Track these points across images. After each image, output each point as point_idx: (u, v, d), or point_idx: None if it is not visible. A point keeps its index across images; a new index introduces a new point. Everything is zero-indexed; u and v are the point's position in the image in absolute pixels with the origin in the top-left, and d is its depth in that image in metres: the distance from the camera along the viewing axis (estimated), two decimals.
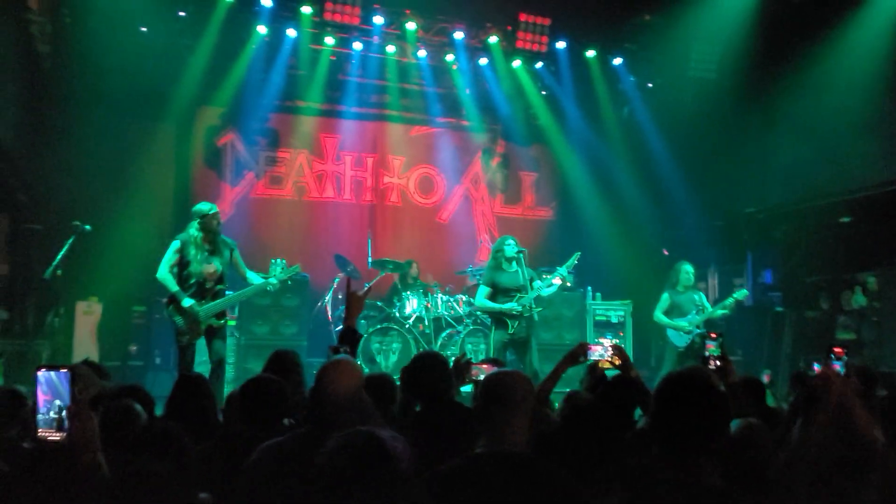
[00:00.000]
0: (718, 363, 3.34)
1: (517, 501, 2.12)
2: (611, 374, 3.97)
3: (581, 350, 3.97)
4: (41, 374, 2.20)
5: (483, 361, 4.15)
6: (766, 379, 4.89)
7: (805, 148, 9.67)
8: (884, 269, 8.71)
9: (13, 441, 2.80)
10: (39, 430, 2.19)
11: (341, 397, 2.55)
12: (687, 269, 7.85)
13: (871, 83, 8.75)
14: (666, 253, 11.10)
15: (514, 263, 7.02)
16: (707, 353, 3.40)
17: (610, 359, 3.88)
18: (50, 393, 2.20)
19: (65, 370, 2.21)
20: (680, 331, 7.72)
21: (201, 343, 6.44)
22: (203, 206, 6.40)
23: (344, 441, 1.85)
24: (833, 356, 3.65)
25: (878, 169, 8.88)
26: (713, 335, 3.45)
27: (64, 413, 2.17)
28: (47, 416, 2.20)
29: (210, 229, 6.31)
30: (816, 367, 5.66)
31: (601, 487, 2.22)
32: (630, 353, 9.29)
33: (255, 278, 6.55)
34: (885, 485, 2.05)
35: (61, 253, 6.37)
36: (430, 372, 3.40)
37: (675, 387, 2.09)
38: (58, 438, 2.17)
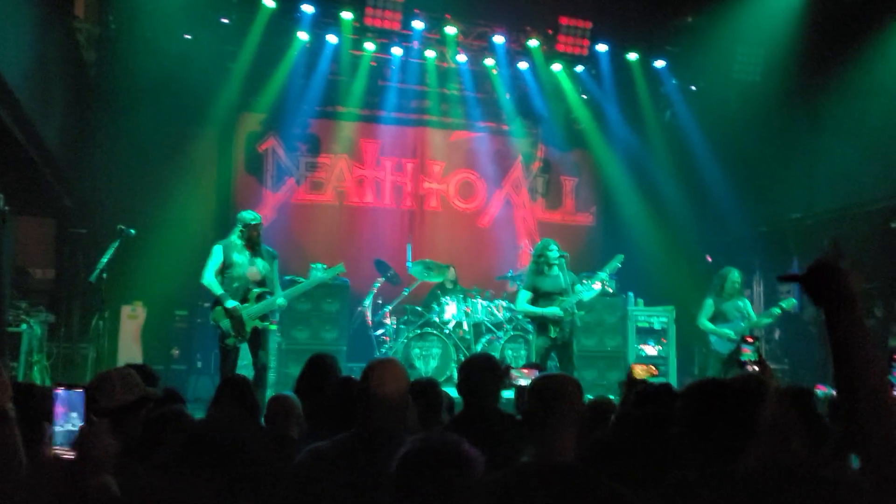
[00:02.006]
0: (756, 368, 3.24)
1: None
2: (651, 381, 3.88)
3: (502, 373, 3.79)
4: (59, 391, 2.21)
5: (524, 366, 4.08)
6: (821, 390, 4.71)
7: (852, 152, 9.42)
8: None
9: None
10: (55, 448, 2.18)
11: (389, 399, 2.51)
12: (734, 276, 7.67)
13: None
14: (709, 259, 10.89)
15: (555, 268, 6.95)
16: (743, 358, 3.30)
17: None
18: (66, 409, 2.20)
19: (80, 390, 2.20)
20: (724, 338, 7.55)
21: (243, 348, 6.48)
22: (247, 215, 6.46)
23: (421, 446, 1.81)
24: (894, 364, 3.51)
25: None
26: (748, 339, 3.35)
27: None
28: (63, 430, 2.19)
29: (250, 238, 6.37)
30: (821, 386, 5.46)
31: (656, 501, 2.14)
32: (673, 360, 9.17)
33: (278, 292, 6.53)
34: None
35: (106, 257, 6.47)
36: (479, 373, 3.35)
37: (694, 394, 2.05)
38: (72, 456, 2.16)
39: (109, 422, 2.38)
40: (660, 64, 10.69)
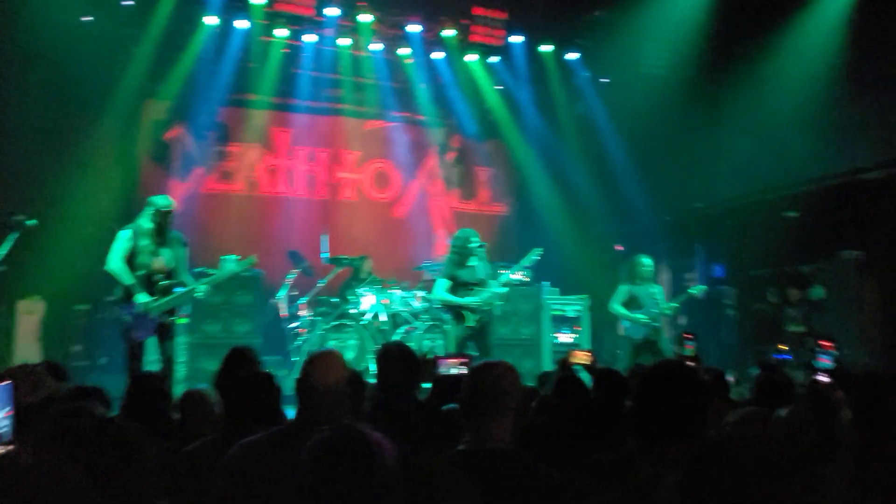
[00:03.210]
0: (693, 364, 3.34)
1: (503, 500, 2.06)
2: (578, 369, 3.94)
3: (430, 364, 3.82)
4: None
5: (450, 356, 4.07)
6: (731, 380, 4.92)
7: (752, 143, 9.88)
8: (829, 261, 8.94)
9: None
10: None
11: (329, 390, 2.46)
12: (645, 263, 7.93)
13: (816, 79, 8.97)
14: (619, 248, 11.21)
15: (474, 258, 7.00)
16: (685, 353, 3.38)
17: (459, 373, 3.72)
18: None
19: (6, 382, 2.12)
20: (638, 323, 7.78)
21: (149, 342, 6.24)
22: (160, 200, 6.20)
23: (328, 437, 1.77)
24: (819, 349, 3.68)
25: (821, 163, 9.11)
26: (689, 336, 3.44)
27: (7, 427, 2.09)
28: None
29: (160, 225, 6.11)
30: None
31: (586, 482, 2.18)
32: (587, 347, 9.38)
33: (189, 281, 6.33)
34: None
35: (4, 249, 6.09)
36: (394, 363, 3.32)
37: (660, 377, 2.07)
38: (2, 451, 2.07)
39: (15, 421, 2.25)
40: (572, 56, 10.89)
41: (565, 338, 9.60)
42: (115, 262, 6.03)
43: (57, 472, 1.91)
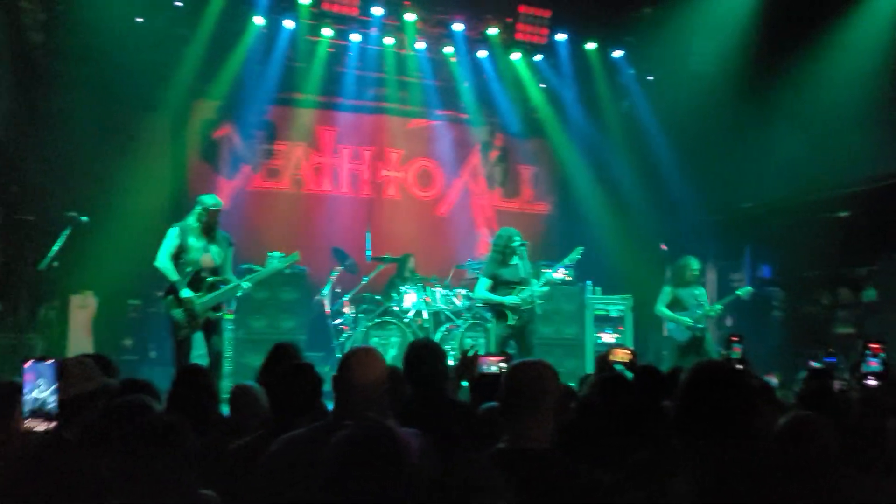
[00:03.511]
0: (741, 366, 3.27)
1: (540, 499, 2.06)
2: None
3: (471, 362, 3.74)
4: (28, 365, 2.21)
5: (490, 354, 4.07)
6: (774, 381, 4.84)
7: (803, 142, 9.65)
8: (883, 263, 8.69)
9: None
10: (26, 421, 2.18)
11: (368, 387, 2.48)
12: (692, 265, 7.83)
13: (869, 77, 8.74)
14: (664, 248, 11.06)
15: (515, 257, 6.99)
16: (733, 356, 3.32)
17: (500, 370, 3.63)
18: (38, 379, 2.21)
19: (51, 361, 2.21)
20: (682, 325, 7.69)
21: (197, 337, 6.37)
22: (208, 199, 6.31)
23: (353, 433, 1.79)
24: (868, 352, 3.59)
25: (875, 163, 8.87)
26: (735, 338, 3.37)
27: (53, 403, 2.18)
28: (35, 406, 2.20)
29: (208, 223, 6.24)
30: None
31: (623, 483, 2.16)
32: (630, 347, 9.28)
33: (233, 279, 6.44)
34: None
35: (57, 245, 6.29)
36: (422, 362, 3.32)
37: (704, 377, 2.05)
38: (43, 429, 2.14)
39: (67, 412, 2.33)
40: (618, 54, 10.78)
41: (608, 338, 9.53)
42: (162, 259, 6.18)
43: (97, 457, 1.98)
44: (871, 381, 3.51)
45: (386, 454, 1.77)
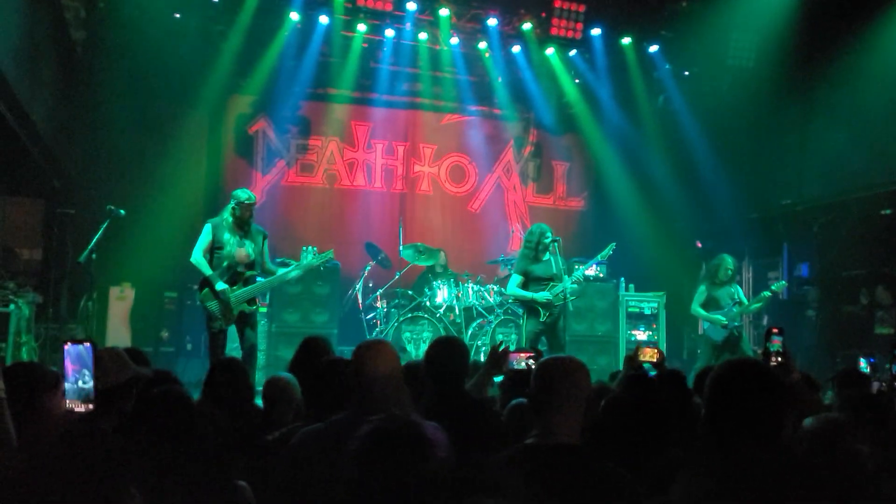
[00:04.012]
0: (780, 360, 3.20)
1: (566, 495, 2.05)
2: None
3: (502, 357, 3.75)
4: (68, 347, 2.28)
5: (521, 350, 4.05)
6: None
7: (844, 139, 9.45)
8: None
9: None
10: (67, 402, 2.24)
11: (380, 379, 2.50)
12: (728, 263, 7.72)
13: None
14: (699, 245, 10.93)
15: (547, 253, 6.97)
16: (772, 349, 3.25)
17: (528, 366, 3.60)
18: (77, 365, 2.27)
19: (88, 343, 2.28)
20: (717, 324, 7.59)
21: (232, 330, 6.45)
22: (242, 194, 6.37)
23: (379, 426, 1.79)
24: None
25: None
26: (776, 330, 3.30)
27: (90, 385, 2.24)
28: (75, 387, 2.26)
29: (242, 218, 6.30)
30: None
31: (654, 482, 2.14)
32: (663, 345, 9.20)
33: (275, 270, 6.51)
34: None
35: (96, 237, 6.41)
36: (442, 359, 3.32)
37: (733, 375, 2.01)
38: (83, 410, 2.22)
39: (102, 402, 2.38)
40: (653, 49, 10.64)
41: (641, 335, 9.44)
42: (197, 254, 6.28)
43: (132, 446, 2.02)
44: None
45: (412, 447, 1.77)
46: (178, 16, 9.32)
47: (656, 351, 3.77)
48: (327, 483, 2.33)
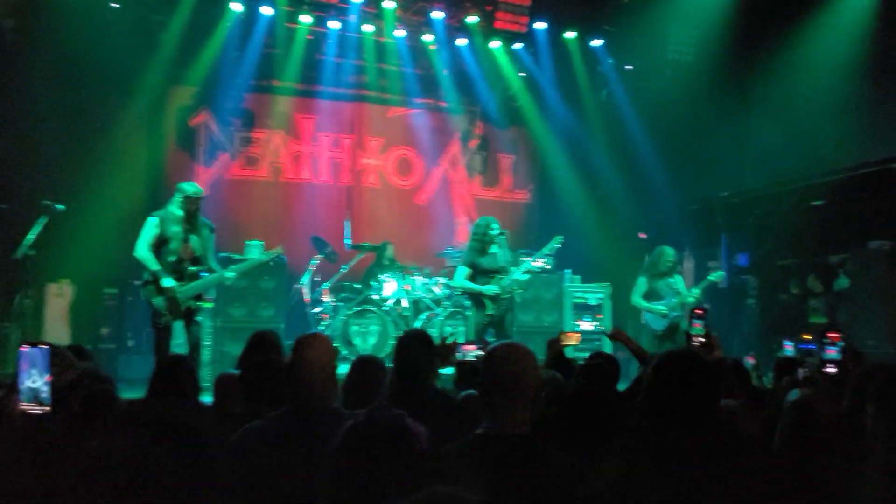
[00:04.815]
0: (703, 340, 3.34)
1: (515, 484, 2.09)
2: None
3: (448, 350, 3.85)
4: (24, 349, 2.25)
5: (466, 343, 4.10)
6: (750, 360, 4.93)
7: (779, 131, 9.77)
8: (856, 252, 8.82)
9: None
10: (21, 405, 2.22)
11: (319, 373, 2.51)
12: (668, 254, 7.86)
13: (844, 67, 8.85)
14: (642, 236, 11.15)
15: (494, 246, 7.02)
16: (693, 332, 3.38)
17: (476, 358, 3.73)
18: (32, 368, 2.25)
19: (45, 346, 2.26)
20: (657, 314, 7.76)
21: (175, 325, 6.34)
22: (189, 187, 6.25)
23: (365, 421, 1.81)
24: (827, 341, 3.68)
25: (850, 152, 8.98)
26: (698, 312, 3.43)
27: (44, 386, 2.22)
28: (30, 389, 2.24)
29: (189, 211, 6.19)
30: (786, 345, 5.77)
31: (601, 467, 2.20)
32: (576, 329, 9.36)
33: (216, 267, 6.42)
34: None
35: (33, 233, 6.21)
36: (406, 350, 3.35)
37: (666, 366, 2.10)
38: (38, 412, 2.21)
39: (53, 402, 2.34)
40: (597, 43, 10.80)
41: (587, 325, 9.61)
42: (142, 248, 6.11)
43: (86, 442, 1.99)
44: (830, 369, 3.63)
45: (400, 443, 1.78)
46: (115, 5, 9.06)
47: (578, 335, 3.90)
48: (273, 478, 2.33)
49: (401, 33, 10.37)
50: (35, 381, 2.23)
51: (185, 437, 2.49)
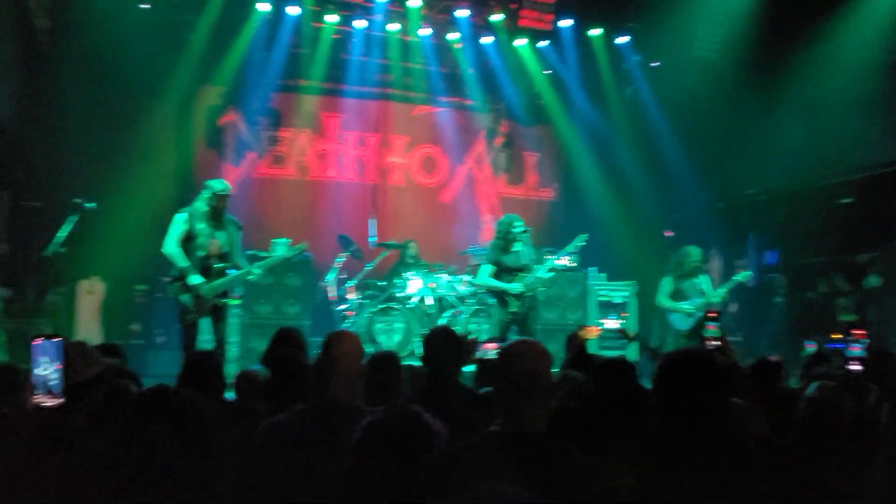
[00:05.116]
0: (717, 343, 3.34)
1: (531, 482, 2.10)
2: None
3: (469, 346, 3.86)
4: (37, 343, 2.30)
5: (489, 341, 4.12)
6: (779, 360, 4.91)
7: (806, 129, 9.64)
8: (885, 250, 8.70)
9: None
10: (34, 397, 2.27)
11: (347, 370, 2.54)
12: (694, 254, 7.77)
13: (872, 64, 8.75)
14: (668, 234, 11.07)
15: (518, 244, 7.01)
16: (706, 335, 3.38)
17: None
18: (46, 360, 2.29)
19: (58, 339, 2.31)
20: (683, 314, 7.69)
21: (203, 322, 6.41)
22: (217, 184, 6.29)
23: (383, 418, 1.84)
24: (852, 338, 3.65)
25: (879, 149, 8.88)
26: (711, 315, 3.43)
27: (58, 379, 2.27)
28: (43, 382, 2.29)
29: (216, 208, 6.24)
30: (808, 344, 5.71)
31: (616, 465, 2.21)
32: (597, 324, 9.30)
33: (243, 264, 6.47)
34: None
35: (64, 231, 6.32)
36: (432, 347, 3.38)
37: (673, 366, 2.11)
38: (51, 404, 2.24)
39: (71, 397, 2.40)
40: (622, 40, 10.75)
41: (612, 323, 9.54)
42: (170, 244, 6.16)
43: (102, 439, 2.04)
44: (855, 367, 3.61)
45: (418, 440, 1.81)
46: (145, 6, 9.21)
47: (600, 330, 3.90)
48: (295, 472, 2.37)
49: (426, 32, 10.40)
50: (46, 369, 2.28)
51: (188, 423, 2.50)
